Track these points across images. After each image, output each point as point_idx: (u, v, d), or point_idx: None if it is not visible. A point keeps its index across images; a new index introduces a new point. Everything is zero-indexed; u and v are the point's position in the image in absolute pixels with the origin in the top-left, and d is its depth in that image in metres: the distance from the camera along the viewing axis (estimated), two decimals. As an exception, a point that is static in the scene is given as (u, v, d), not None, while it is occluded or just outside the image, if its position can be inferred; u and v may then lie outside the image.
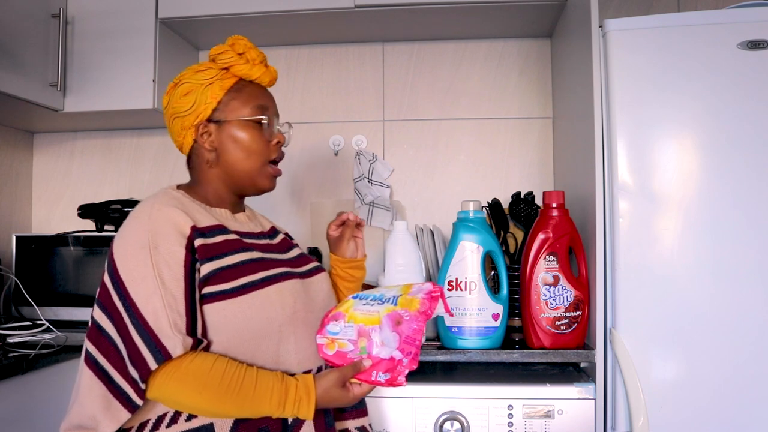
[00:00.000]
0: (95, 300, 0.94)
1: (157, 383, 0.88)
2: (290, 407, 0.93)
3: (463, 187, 2.01)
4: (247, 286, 0.98)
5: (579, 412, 1.30)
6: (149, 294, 0.90)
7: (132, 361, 0.88)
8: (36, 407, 1.37)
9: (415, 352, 0.97)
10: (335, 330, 1.01)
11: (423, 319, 0.98)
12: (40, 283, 1.82)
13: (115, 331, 0.90)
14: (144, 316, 0.89)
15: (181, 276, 0.93)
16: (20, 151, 2.13)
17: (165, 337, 0.88)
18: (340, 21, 1.84)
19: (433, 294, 1.02)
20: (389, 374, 0.98)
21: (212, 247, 0.98)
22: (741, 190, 1.29)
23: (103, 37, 1.81)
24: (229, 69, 1.07)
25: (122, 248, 0.94)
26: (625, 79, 1.33)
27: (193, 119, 1.06)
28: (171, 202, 0.99)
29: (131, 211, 1.01)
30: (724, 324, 1.28)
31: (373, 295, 1.05)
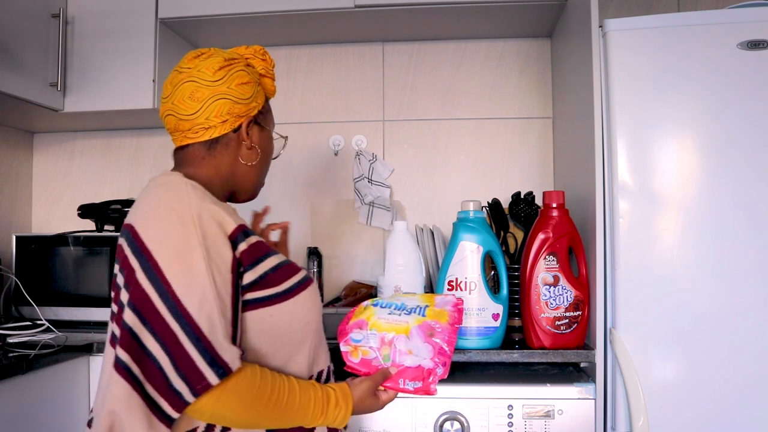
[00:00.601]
0: (126, 304, 0.83)
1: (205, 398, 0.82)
2: (331, 414, 0.94)
3: (463, 187, 2.01)
4: (291, 290, 0.94)
5: (579, 412, 1.30)
6: (203, 300, 0.82)
7: (181, 372, 0.80)
8: (36, 407, 1.37)
9: (448, 363, 1.04)
10: (358, 338, 1.06)
11: (454, 332, 1.06)
12: (40, 283, 1.82)
13: (156, 339, 0.81)
14: (198, 325, 0.81)
15: (229, 281, 0.86)
16: (20, 151, 2.13)
17: (222, 349, 0.82)
18: (340, 21, 1.84)
19: (458, 307, 1.10)
20: (420, 382, 1.03)
21: (255, 249, 0.92)
22: (741, 190, 1.29)
23: (103, 37, 1.81)
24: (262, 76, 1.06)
25: (166, 248, 0.84)
26: (625, 79, 1.33)
27: (244, 110, 0.98)
28: (206, 198, 0.90)
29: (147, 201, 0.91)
30: (724, 324, 1.28)
31: (394, 304, 1.10)
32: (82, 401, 1.51)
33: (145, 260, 0.83)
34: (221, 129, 0.97)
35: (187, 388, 0.80)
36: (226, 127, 0.97)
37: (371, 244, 2.02)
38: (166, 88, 0.99)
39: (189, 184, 0.91)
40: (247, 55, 1.05)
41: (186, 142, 0.99)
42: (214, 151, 0.99)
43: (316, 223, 2.03)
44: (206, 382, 0.80)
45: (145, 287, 0.82)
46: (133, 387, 0.81)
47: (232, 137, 1.00)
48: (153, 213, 0.88)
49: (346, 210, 2.04)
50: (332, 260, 2.02)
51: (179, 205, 0.87)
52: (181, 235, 0.84)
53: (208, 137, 0.97)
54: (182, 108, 0.96)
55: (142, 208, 0.90)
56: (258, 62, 1.05)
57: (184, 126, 0.97)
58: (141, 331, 0.82)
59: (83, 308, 1.80)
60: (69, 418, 1.47)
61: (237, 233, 0.89)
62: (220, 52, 1.00)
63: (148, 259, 0.83)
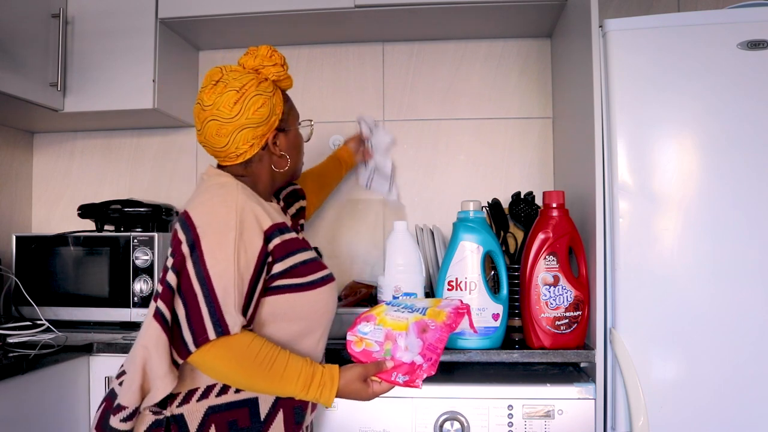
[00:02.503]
0: (170, 267, 1.01)
1: (206, 348, 0.97)
2: (314, 391, 1.02)
3: (463, 187, 2.01)
4: (317, 282, 1.11)
5: (579, 412, 1.30)
6: (225, 273, 0.98)
7: (191, 325, 0.97)
8: (36, 407, 1.37)
9: (435, 359, 1.05)
10: (365, 330, 1.11)
11: (447, 330, 1.08)
12: (40, 283, 1.82)
13: (181, 297, 0.99)
14: (215, 290, 0.97)
15: (253, 263, 1.01)
16: (20, 151, 2.13)
17: (228, 313, 0.97)
18: (340, 21, 1.84)
19: (459, 310, 1.13)
20: (408, 376, 1.06)
21: (288, 244, 1.08)
22: (741, 190, 1.29)
23: (103, 37, 1.81)
24: (276, 81, 1.16)
25: (209, 226, 1.01)
26: (625, 79, 1.33)
27: (266, 129, 1.13)
28: (252, 198, 1.08)
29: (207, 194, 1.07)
30: (724, 324, 1.28)
31: (405, 304, 1.17)
32: (82, 401, 1.51)
33: (190, 235, 1.01)
34: (251, 152, 1.13)
35: (192, 339, 0.97)
36: (255, 149, 1.13)
37: (371, 244, 2.03)
38: (196, 122, 1.15)
39: (240, 185, 1.09)
40: (257, 66, 1.14)
41: (226, 163, 1.16)
42: (250, 168, 1.16)
43: (316, 223, 2.03)
44: (206, 336, 0.96)
45: (186, 255, 1.00)
46: (165, 331, 0.98)
47: (263, 153, 1.15)
48: (206, 202, 1.06)
49: (346, 210, 2.04)
50: (332, 260, 2.02)
51: (228, 198, 1.04)
52: (223, 220, 1.01)
53: (242, 160, 1.14)
54: (213, 143, 1.13)
55: (198, 199, 1.07)
56: (269, 70, 1.15)
57: (220, 155, 1.14)
58: (176, 290, 0.99)
59: (83, 308, 1.80)
60: (69, 418, 1.47)
61: (273, 230, 1.06)
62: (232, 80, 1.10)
63: (192, 235, 1.00)
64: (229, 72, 1.12)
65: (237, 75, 1.11)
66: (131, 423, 1.00)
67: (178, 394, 1.03)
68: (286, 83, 1.19)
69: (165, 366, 0.97)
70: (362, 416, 1.33)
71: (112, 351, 1.50)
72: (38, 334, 1.65)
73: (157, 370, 0.97)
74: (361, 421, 1.33)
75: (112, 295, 1.79)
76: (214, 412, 1.03)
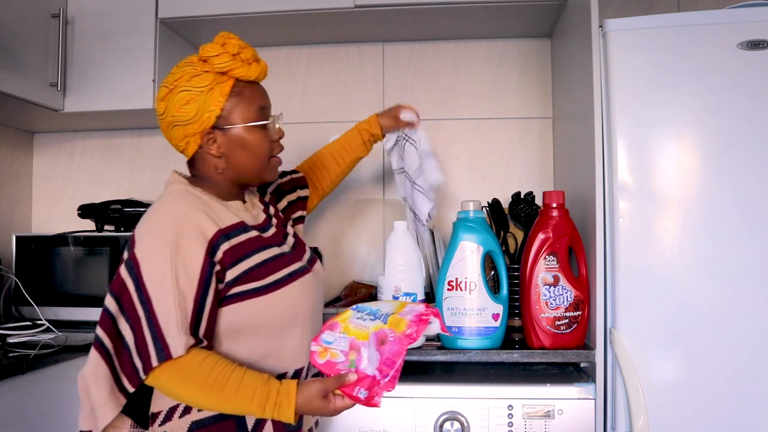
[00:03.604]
0: (108, 290, 0.97)
1: (154, 374, 0.94)
2: (270, 410, 0.95)
3: (463, 187, 2.00)
4: (276, 283, 1.04)
5: (579, 412, 1.30)
6: (165, 293, 0.94)
7: (139, 351, 0.93)
8: (36, 407, 1.37)
9: (393, 375, 0.95)
10: (329, 339, 1.01)
11: (406, 342, 0.97)
12: (40, 283, 1.82)
13: (126, 323, 0.95)
14: (156, 313, 0.93)
15: (195, 278, 0.96)
16: (20, 151, 2.13)
17: (170, 336, 0.93)
18: (340, 21, 1.84)
19: (422, 317, 1.00)
20: (368, 392, 0.96)
21: (239, 249, 1.02)
22: (741, 190, 1.29)
23: (103, 37, 1.81)
24: (226, 72, 1.05)
25: (145, 245, 0.97)
26: (625, 79, 1.33)
27: (197, 127, 1.05)
28: (195, 203, 1.02)
29: (152, 207, 1.03)
30: (724, 324, 1.28)
31: (370, 309, 1.05)
32: (82, 401, 1.51)
33: (131, 255, 0.96)
34: (190, 150, 1.08)
35: (141, 365, 0.93)
36: (192, 147, 1.08)
37: (371, 244, 2.02)
38: None
39: (186, 193, 1.04)
40: (206, 56, 1.05)
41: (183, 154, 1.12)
42: (196, 166, 1.11)
43: (317, 223, 2.03)
44: (150, 363, 0.93)
45: (125, 278, 0.95)
46: (104, 360, 0.94)
47: (202, 152, 1.08)
48: (148, 216, 1.01)
49: (346, 210, 2.04)
50: (332, 260, 2.02)
51: (167, 210, 1.00)
52: (159, 237, 0.97)
53: (188, 158, 1.11)
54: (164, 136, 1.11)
55: (146, 213, 1.03)
56: (215, 60, 1.04)
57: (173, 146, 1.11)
58: (118, 316, 0.95)
59: (83, 308, 1.80)
60: (69, 418, 1.47)
61: (218, 237, 1.00)
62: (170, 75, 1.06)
63: (131, 255, 0.96)
64: (181, 64, 1.07)
65: (179, 68, 1.06)
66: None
67: (159, 412, 1.01)
68: (240, 72, 1.06)
69: (104, 395, 0.94)
70: (362, 416, 1.33)
71: (112, 351, 1.50)
72: (38, 334, 1.65)
73: (96, 399, 0.94)
74: (361, 421, 1.33)
75: (112, 295, 1.79)
76: (198, 427, 0.99)
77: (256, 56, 1.10)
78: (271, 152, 1.12)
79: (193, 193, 1.04)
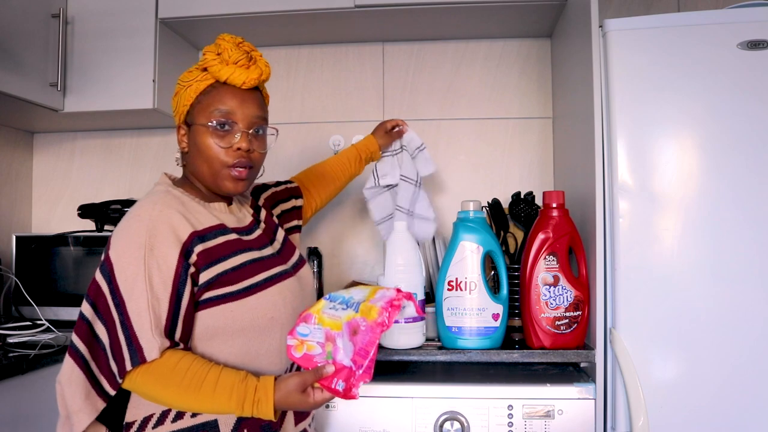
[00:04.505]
0: (85, 295, 0.96)
1: (130, 377, 0.93)
2: (249, 408, 0.94)
3: (463, 187, 2.01)
4: (251, 288, 1.02)
5: (579, 412, 1.30)
6: (137, 295, 0.93)
7: (114, 355, 0.93)
8: (36, 407, 1.37)
9: (368, 365, 0.92)
10: (305, 332, 0.99)
11: (379, 331, 0.93)
12: (40, 283, 1.82)
13: (102, 326, 0.94)
14: (129, 316, 0.93)
15: (170, 280, 0.95)
16: (20, 151, 2.13)
17: (144, 339, 0.92)
18: (340, 21, 1.84)
19: (394, 302, 0.96)
20: (345, 383, 0.94)
21: (213, 251, 1.00)
22: (741, 190, 1.29)
23: (103, 37, 1.81)
24: (207, 70, 1.06)
25: (119, 246, 0.96)
26: (625, 79, 1.33)
27: (177, 120, 1.09)
28: (173, 204, 1.01)
29: (131, 209, 1.03)
30: (724, 324, 1.28)
31: (342, 297, 1.02)
32: (82, 401, 1.51)
33: (105, 257, 0.96)
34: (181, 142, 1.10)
35: (117, 369, 0.93)
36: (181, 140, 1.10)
37: (371, 244, 2.02)
38: None
39: (166, 193, 1.03)
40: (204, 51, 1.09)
41: None
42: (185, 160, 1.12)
43: (317, 223, 2.03)
44: (125, 366, 0.92)
45: (100, 281, 0.95)
46: (78, 365, 0.94)
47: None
48: (126, 218, 1.00)
49: (346, 210, 2.04)
50: (332, 260, 2.02)
51: (143, 211, 0.99)
52: (132, 237, 0.96)
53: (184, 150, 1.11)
54: None
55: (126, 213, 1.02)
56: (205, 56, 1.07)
57: None
58: (94, 319, 0.95)
59: (83, 308, 1.80)
60: (69, 418, 1.47)
61: (192, 238, 0.98)
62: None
63: (105, 258, 0.96)
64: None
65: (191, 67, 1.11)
66: None
67: (134, 422, 1.00)
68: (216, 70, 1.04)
69: (79, 401, 0.93)
70: (362, 416, 1.33)
71: (112, 351, 1.50)
72: (38, 334, 1.65)
73: (71, 404, 0.94)
74: (361, 421, 1.33)
75: (112, 295, 1.79)
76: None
77: (241, 60, 1.04)
78: (224, 161, 1.04)
79: (173, 194, 1.04)
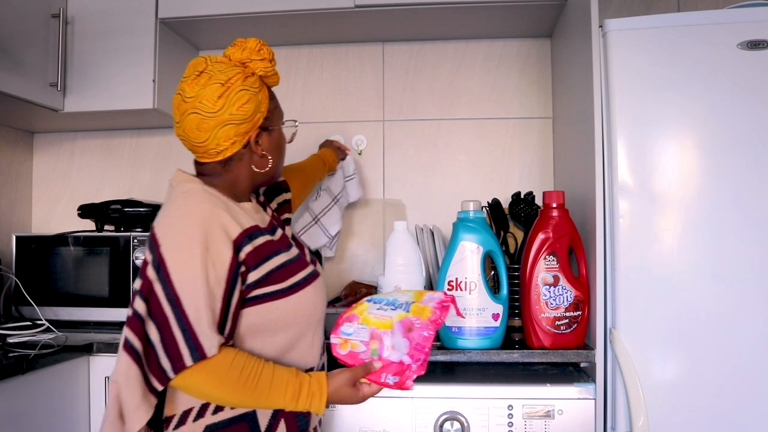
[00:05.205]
0: (137, 292, 0.96)
1: (185, 374, 0.93)
2: (303, 401, 0.99)
3: (463, 187, 2.00)
4: (295, 286, 1.05)
5: (579, 412, 1.30)
6: (194, 291, 0.93)
7: (167, 351, 0.93)
8: (36, 407, 1.37)
9: (424, 359, 1.03)
10: (349, 331, 1.07)
11: (433, 328, 1.04)
12: (40, 283, 1.82)
13: (153, 324, 0.94)
14: (186, 312, 0.93)
15: (223, 277, 0.96)
16: (20, 151, 2.13)
17: (203, 335, 0.93)
18: (340, 21, 1.84)
19: (444, 303, 1.08)
20: (398, 377, 1.03)
21: (260, 250, 1.02)
22: (741, 190, 1.29)
23: (103, 37, 1.81)
24: (263, 77, 1.08)
25: (173, 245, 0.96)
26: (625, 79, 1.33)
27: (249, 126, 1.05)
28: (218, 204, 1.02)
29: (169, 206, 1.02)
30: (724, 324, 1.28)
31: (386, 299, 1.11)
32: (82, 401, 1.51)
33: (155, 255, 0.95)
34: (232, 149, 1.05)
35: (170, 365, 0.92)
36: (236, 147, 1.06)
37: (371, 244, 2.02)
38: (175, 113, 1.06)
39: (206, 192, 1.03)
40: (245, 59, 1.06)
41: (204, 160, 1.08)
42: (229, 166, 1.08)
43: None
44: (183, 363, 0.92)
45: (152, 279, 0.95)
46: (135, 362, 0.93)
47: (244, 152, 1.08)
48: (170, 215, 1.01)
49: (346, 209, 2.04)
50: (332, 260, 2.02)
51: (192, 209, 0.99)
52: (187, 236, 0.96)
53: (222, 158, 1.06)
54: (192, 137, 1.04)
55: (164, 212, 1.02)
56: (257, 64, 1.07)
57: (198, 150, 1.06)
58: (146, 316, 0.95)
59: (83, 308, 1.80)
60: (69, 418, 1.47)
61: (242, 238, 1.00)
62: (217, 73, 1.02)
63: (157, 254, 0.95)
64: (214, 63, 1.04)
65: (222, 67, 1.03)
66: None
67: (173, 416, 1.01)
68: (274, 80, 1.11)
69: (137, 398, 0.93)
70: (362, 416, 1.33)
71: (112, 351, 1.50)
72: (38, 334, 1.65)
73: (129, 403, 0.93)
74: (361, 421, 1.33)
75: (112, 295, 1.79)
76: (212, 431, 1.00)
77: None
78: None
79: (211, 193, 1.04)
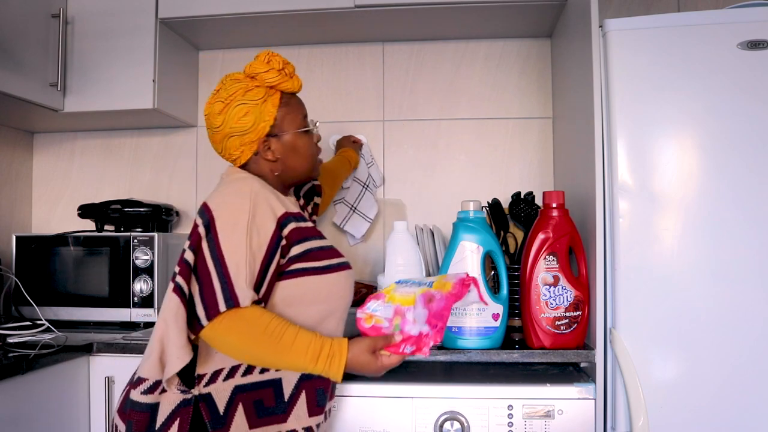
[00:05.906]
0: (187, 247, 1.06)
1: (216, 321, 1.01)
2: (323, 362, 1.04)
3: (463, 187, 2.01)
4: (329, 268, 1.14)
5: (579, 412, 1.30)
6: (237, 250, 1.03)
7: (204, 301, 1.01)
8: (36, 407, 1.37)
9: (441, 326, 1.08)
10: (375, 307, 1.13)
11: (452, 300, 1.10)
12: (40, 283, 1.82)
13: (196, 276, 1.04)
14: (228, 267, 1.02)
15: (265, 244, 1.06)
16: (20, 151, 2.13)
17: (239, 288, 1.01)
18: (340, 21, 1.84)
19: (465, 282, 1.15)
20: (415, 346, 1.09)
21: (304, 230, 1.13)
22: (741, 190, 1.29)
23: (103, 37, 1.82)
24: (274, 86, 1.18)
25: (224, 211, 1.07)
26: (625, 79, 1.33)
27: (254, 137, 1.17)
28: (267, 188, 1.13)
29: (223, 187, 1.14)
30: (724, 324, 1.28)
31: (413, 281, 1.19)
32: (82, 401, 1.51)
33: (206, 217, 1.07)
34: (243, 157, 1.19)
35: (204, 312, 1.01)
36: (247, 154, 1.19)
37: (371, 244, 2.03)
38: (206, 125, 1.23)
39: (256, 178, 1.15)
40: (253, 72, 1.17)
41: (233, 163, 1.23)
42: (250, 169, 1.20)
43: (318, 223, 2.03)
44: (217, 309, 1.00)
45: (202, 235, 1.05)
46: (183, 304, 1.02)
47: (257, 158, 1.20)
48: (222, 191, 1.12)
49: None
50: (332, 260, 2.02)
51: (243, 187, 1.11)
52: (237, 204, 1.07)
53: (239, 164, 1.21)
54: (214, 148, 1.22)
55: (216, 191, 1.14)
56: (264, 76, 1.17)
57: (223, 156, 1.22)
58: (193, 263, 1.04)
59: (83, 308, 1.80)
60: (69, 418, 1.47)
61: (287, 216, 1.11)
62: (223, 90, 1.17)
63: (208, 216, 1.07)
64: (227, 81, 1.18)
65: (230, 83, 1.17)
66: (152, 396, 1.04)
67: (204, 374, 1.07)
68: (286, 86, 1.20)
69: (183, 337, 1.01)
70: (362, 416, 1.33)
71: (112, 351, 1.50)
72: (38, 334, 1.65)
73: (176, 340, 1.00)
74: (361, 421, 1.33)
75: (112, 295, 1.79)
76: (240, 392, 1.06)
77: (294, 70, 1.23)
78: (317, 154, 1.28)
79: (260, 181, 1.14)
